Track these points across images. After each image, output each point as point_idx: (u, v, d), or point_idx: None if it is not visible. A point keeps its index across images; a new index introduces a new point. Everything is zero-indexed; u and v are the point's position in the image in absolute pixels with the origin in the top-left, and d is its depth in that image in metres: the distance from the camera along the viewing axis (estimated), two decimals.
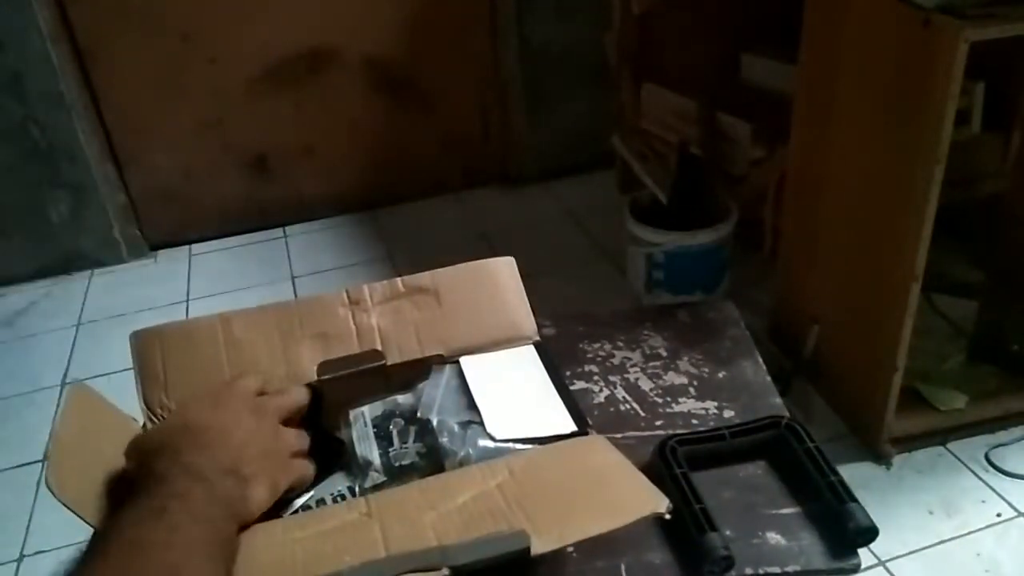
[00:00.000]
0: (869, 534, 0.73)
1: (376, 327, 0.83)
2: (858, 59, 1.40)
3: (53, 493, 0.60)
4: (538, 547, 0.59)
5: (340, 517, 0.66)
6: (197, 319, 0.84)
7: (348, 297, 0.85)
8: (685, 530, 0.71)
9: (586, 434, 0.76)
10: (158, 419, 0.77)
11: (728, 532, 0.73)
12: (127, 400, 0.80)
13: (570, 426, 0.77)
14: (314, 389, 0.80)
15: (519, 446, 0.75)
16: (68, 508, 0.61)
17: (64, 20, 2.15)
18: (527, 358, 0.85)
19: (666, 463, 0.78)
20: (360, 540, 0.61)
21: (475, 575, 0.58)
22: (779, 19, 1.70)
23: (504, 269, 0.89)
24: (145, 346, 0.80)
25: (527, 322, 0.87)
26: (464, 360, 0.83)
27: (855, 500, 0.74)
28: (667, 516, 0.62)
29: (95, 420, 0.73)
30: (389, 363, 0.82)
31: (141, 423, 0.77)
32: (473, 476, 0.69)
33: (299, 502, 0.74)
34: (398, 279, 0.86)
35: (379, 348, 0.82)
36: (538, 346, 0.86)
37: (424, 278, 0.86)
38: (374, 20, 2.37)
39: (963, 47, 1.15)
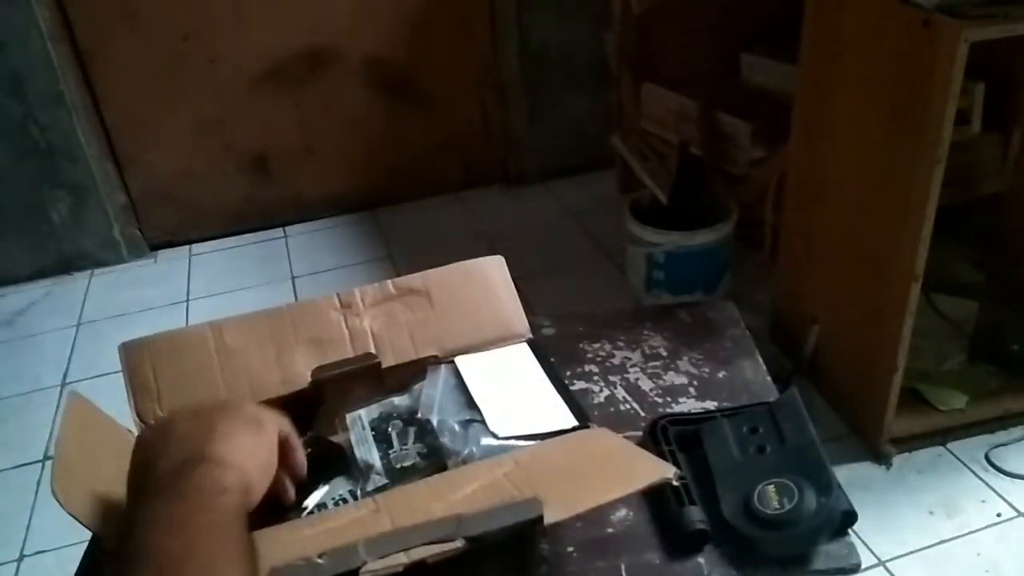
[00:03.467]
0: (848, 519, 0.72)
1: (369, 330, 0.83)
2: (858, 59, 1.39)
3: (60, 505, 0.60)
4: (550, 516, 0.59)
5: (349, 515, 0.66)
6: (187, 328, 0.83)
7: (339, 301, 0.84)
8: (666, 503, 0.71)
9: (587, 427, 0.77)
10: None
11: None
12: (127, 401, 0.80)
13: (571, 421, 0.77)
14: (310, 394, 0.80)
15: (523, 443, 0.75)
16: (76, 519, 0.61)
17: (64, 20, 2.15)
18: (522, 356, 0.85)
19: (655, 441, 0.78)
20: (371, 530, 0.61)
21: (488, 549, 0.59)
22: (779, 19, 1.70)
23: (494, 268, 0.89)
24: (135, 357, 0.80)
25: (519, 320, 0.87)
26: (459, 360, 0.83)
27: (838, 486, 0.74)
28: (675, 482, 0.64)
29: (93, 431, 0.73)
30: (384, 366, 0.82)
31: (136, 435, 0.77)
32: (479, 469, 0.69)
33: (305, 507, 0.74)
34: (388, 281, 0.86)
35: (372, 351, 0.82)
36: (531, 344, 0.86)
37: (415, 279, 0.86)
38: (374, 20, 2.37)
39: (963, 47, 1.15)
